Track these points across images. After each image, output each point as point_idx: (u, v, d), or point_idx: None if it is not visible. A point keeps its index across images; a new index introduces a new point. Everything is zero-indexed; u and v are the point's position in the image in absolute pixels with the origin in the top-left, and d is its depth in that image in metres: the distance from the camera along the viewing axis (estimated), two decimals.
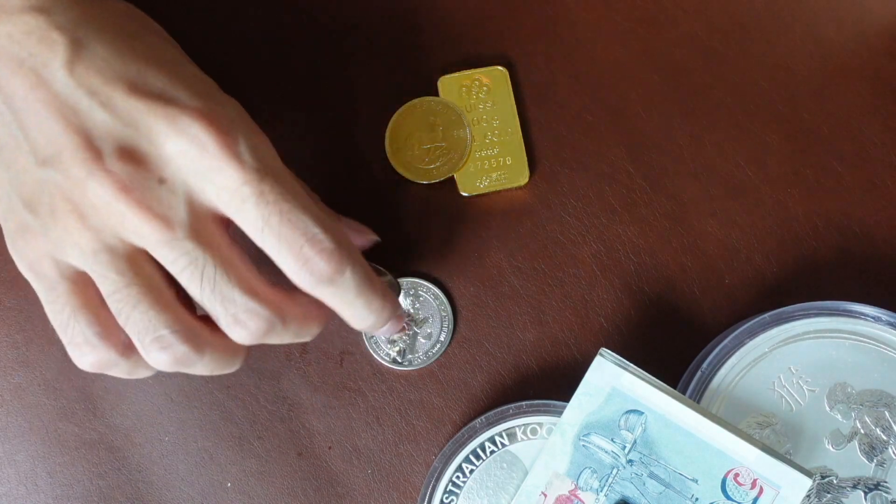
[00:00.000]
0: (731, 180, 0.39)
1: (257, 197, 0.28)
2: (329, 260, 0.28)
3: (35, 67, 0.28)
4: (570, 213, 0.39)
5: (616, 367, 0.34)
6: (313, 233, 0.28)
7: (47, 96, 0.28)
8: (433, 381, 0.38)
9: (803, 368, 0.36)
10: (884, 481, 0.35)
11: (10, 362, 0.38)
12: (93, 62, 0.28)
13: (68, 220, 0.28)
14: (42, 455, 0.37)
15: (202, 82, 0.30)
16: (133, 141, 0.28)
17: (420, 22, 0.40)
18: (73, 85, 0.28)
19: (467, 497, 0.35)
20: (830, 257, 0.38)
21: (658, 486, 0.33)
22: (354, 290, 0.29)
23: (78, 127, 0.28)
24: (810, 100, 0.40)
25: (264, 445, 0.37)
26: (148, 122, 0.28)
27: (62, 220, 0.28)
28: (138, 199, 0.27)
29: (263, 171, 0.28)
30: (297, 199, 0.28)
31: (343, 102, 0.40)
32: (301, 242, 0.28)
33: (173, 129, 0.28)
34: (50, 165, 0.28)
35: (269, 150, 0.29)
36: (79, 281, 0.29)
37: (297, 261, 0.28)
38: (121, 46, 0.29)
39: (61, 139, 0.28)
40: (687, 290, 0.38)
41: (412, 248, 0.38)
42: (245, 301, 0.28)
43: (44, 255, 0.29)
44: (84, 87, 0.28)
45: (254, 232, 0.28)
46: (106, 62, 0.28)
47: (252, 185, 0.28)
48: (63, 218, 0.28)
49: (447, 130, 0.39)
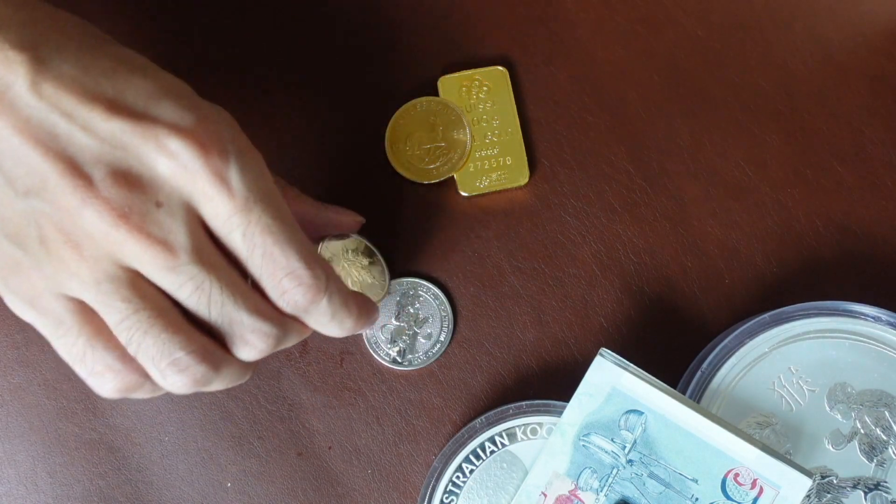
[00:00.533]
0: (731, 180, 0.39)
1: (244, 228, 0.27)
2: (305, 293, 0.28)
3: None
4: (570, 213, 0.39)
5: (616, 367, 0.34)
6: (293, 267, 0.28)
7: (17, 122, 0.26)
8: (433, 381, 0.38)
9: (803, 368, 0.36)
10: (884, 481, 0.35)
11: (10, 362, 0.38)
12: (60, 81, 0.26)
13: (62, 251, 0.27)
14: (42, 455, 0.37)
15: (182, 91, 0.28)
16: (124, 163, 0.26)
17: (420, 22, 0.40)
18: (43, 107, 0.26)
19: (467, 497, 0.35)
20: (830, 257, 0.38)
21: (658, 486, 0.33)
22: (328, 316, 0.30)
23: (59, 153, 0.26)
24: (810, 100, 0.40)
25: (264, 445, 0.37)
26: (135, 144, 0.26)
27: (55, 251, 0.27)
28: (138, 226, 0.26)
29: (252, 199, 0.27)
30: (282, 229, 0.28)
31: (343, 102, 0.40)
32: (280, 276, 0.28)
33: (163, 151, 0.26)
34: (34, 196, 0.26)
35: (258, 169, 0.28)
36: (84, 310, 0.28)
37: (275, 291, 0.29)
38: (87, 61, 0.27)
39: (43, 167, 0.26)
40: (687, 290, 0.38)
41: (412, 248, 0.38)
42: (252, 321, 0.28)
43: (42, 290, 0.27)
44: (57, 110, 0.26)
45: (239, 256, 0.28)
46: (74, 80, 0.26)
47: (240, 216, 0.27)
48: (56, 250, 0.27)
49: (447, 130, 0.39)
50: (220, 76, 0.40)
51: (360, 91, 0.40)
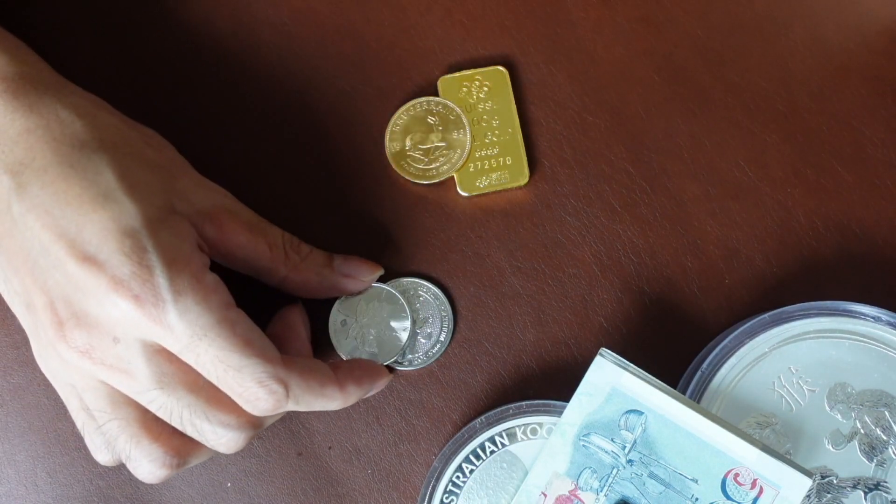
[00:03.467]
0: (731, 180, 0.39)
1: (195, 360, 0.30)
2: (266, 403, 0.31)
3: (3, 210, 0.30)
4: (570, 213, 0.39)
5: (616, 367, 0.34)
6: (245, 387, 0.30)
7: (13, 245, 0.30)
8: (433, 381, 0.38)
9: (803, 368, 0.36)
10: (884, 481, 0.35)
11: (10, 362, 0.38)
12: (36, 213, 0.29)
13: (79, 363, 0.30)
14: (42, 455, 0.37)
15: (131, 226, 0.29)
16: (82, 305, 0.29)
17: (420, 22, 0.40)
18: (29, 237, 0.29)
19: (467, 497, 0.35)
20: (830, 257, 0.38)
21: (658, 486, 0.33)
22: (304, 408, 0.32)
23: (42, 285, 0.30)
24: (810, 100, 0.40)
25: (264, 445, 0.37)
26: (89, 289, 0.29)
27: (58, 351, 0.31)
28: (100, 361, 0.30)
29: (197, 335, 0.29)
30: (232, 356, 0.30)
31: (343, 103, 0.40)
32: (237, 394, 0.30)
33: (107, 298, 0.29)
34: (31, 312, 0.31)
35: (200, 306, 0.30)
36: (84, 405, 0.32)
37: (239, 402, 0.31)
38: (60, 187, 0.29)
39: (31, 293, 0.30)
40: (687, 290, 0.38)
41: (412, 248, 0.38)
42: (220, 432, 0.31)
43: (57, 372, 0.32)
44: (35, 241, 0.29)
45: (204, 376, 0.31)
46: (48, 213, 0.29)
47: (188, 352, 0.30)
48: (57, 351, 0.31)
49: (447, 130, 0.39)
50: (218, 76, 0.40)
51: (359, 91, 0.40)
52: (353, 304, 0.37)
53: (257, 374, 0.30)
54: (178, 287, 0.29)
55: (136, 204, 0.30)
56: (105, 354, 0.30)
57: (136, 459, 0.31)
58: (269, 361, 0.30)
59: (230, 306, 0.31)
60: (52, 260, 0.29)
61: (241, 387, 0.30)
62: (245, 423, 0.31)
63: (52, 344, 0.30)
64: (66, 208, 0.29)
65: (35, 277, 0.30)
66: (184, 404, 0.30)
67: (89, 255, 0.29)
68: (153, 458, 0.31)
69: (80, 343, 0.29)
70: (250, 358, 0.30)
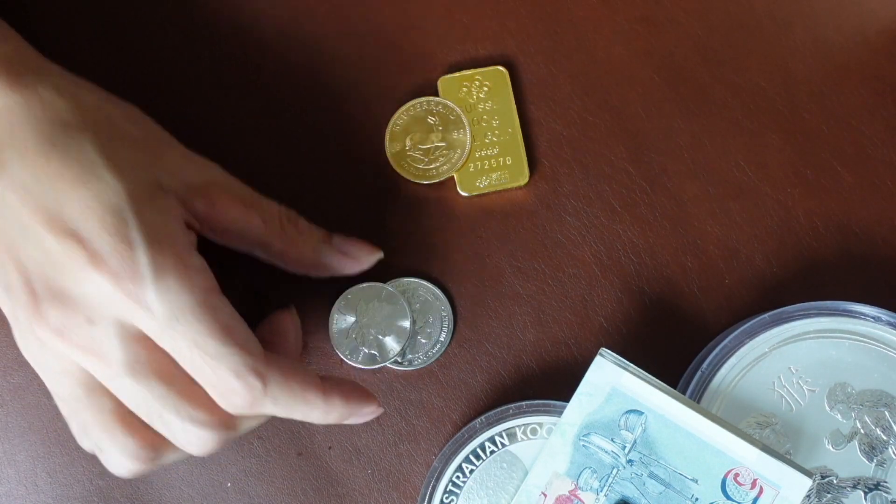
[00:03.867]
0: (731, 180, 0.39)
1: (172, 344, 0.29)
2: (242, 400, 0.29)
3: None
4: (570, 213, 0.39)
5: (616, 367, 0.34)
6: (220, 377, 0.29)
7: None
8: (433, 381, 0.38)
9: (803, 368, 0.36)
10: (884, 481, 0.35)
11: (10, 362, 0.38)
12: (16, 191, 0.28)
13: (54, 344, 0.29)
14: (42, 455, 0.37)
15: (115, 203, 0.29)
16: (59, 283, 0.28)
17: (420, 22, 0.40)
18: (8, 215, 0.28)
19: (467, 497, 0.35)
20: (830, 257, 0.38)
21: (658, 486, 0.33)
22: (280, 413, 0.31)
23: (19, 263, 0.29)
24: (810, 100, 0.40)
25: (264, 445, 0.37)
26: (65, 264, 0.28)
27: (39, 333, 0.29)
28: (74, 342, 0.28)
29: (175, 316, 0.28)
30: (210, 342, 0.29)
31: (343, 103, 0.40)
32: (211, 384, 0.29)
33: (85, 274, 0.28)
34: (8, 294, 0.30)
35: (180, 285, 0.28)
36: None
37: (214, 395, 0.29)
38: (40, 165, 0.28)
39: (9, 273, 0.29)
40: (687, 290, 0.38)
41: (412, 248, 0.38)
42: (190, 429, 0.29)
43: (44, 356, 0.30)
44: (13, 219, 0.28)
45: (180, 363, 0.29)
46: (26, 190, 0.28)
47: (165, 336, 0.28)
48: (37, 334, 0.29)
49: (447, 130, 0.39)
50: (218, 76, 0.40)
51: (360, 91, 0.40)
52: (353, 304, 0.37)
53: (234, 364, 0.29)
54: (159, 265, 0.28)
55: (120, 181, 0.29)
56: (80, 335, 0.28)
57: (107, 451, 0.30)
58: (249, 353, 0.29)
59: (214, 291, 0.29)
60: (30, 236, 0.28)
61: (216, 376, 0.29)
62: (217, 421, 0.30)
63: (29, 325, 0.29)
64: (47, 186, 0.28)
65: (12, 255, 0.29)
66: (155, 395, 0.29)
67: (69, 230, 0.28)
68: (126, 450, 0.30)
69: (55, 322, 0.28)
70: (229, 347, 0.29)
